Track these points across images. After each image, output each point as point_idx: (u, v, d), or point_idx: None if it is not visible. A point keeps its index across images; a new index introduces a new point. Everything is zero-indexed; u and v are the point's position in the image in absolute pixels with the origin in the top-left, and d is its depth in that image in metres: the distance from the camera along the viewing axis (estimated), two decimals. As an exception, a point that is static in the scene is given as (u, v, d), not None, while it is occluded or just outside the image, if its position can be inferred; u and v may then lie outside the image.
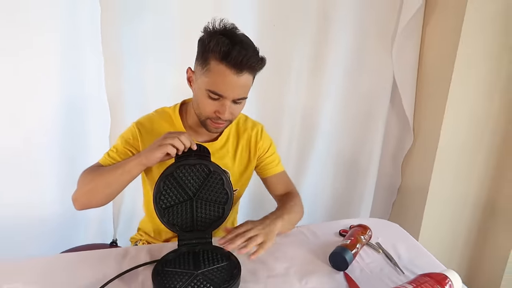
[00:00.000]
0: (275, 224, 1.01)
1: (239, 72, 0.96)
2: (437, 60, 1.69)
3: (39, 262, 1.00)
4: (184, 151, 0.99)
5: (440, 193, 1.75)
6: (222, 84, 0.97)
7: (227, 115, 1.01)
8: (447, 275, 0.90)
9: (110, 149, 1.12)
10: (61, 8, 1.31)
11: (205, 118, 1.04)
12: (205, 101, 1.01)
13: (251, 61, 0.95)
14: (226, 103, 0.99)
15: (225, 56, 0.94)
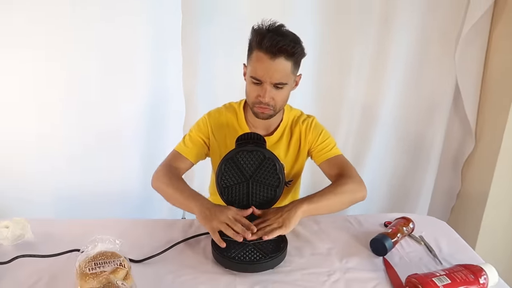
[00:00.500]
0: (294, 211, 1.05)
1: (273, 57, 1.08)
2: (504, 66, 1.66)
3: (125, 222, 1.22)
4: (243, 138, 1.15)
5: (500, 200, 1.71)
6: (259, 69, 1.11)
7: (267, 99, 1.13)
8: (483, 268, 0.94)
9: (184, 137, 1.31)
10: (149, 15, 1.55)
11: (252, 104, 1.18)
12: (250, 88, 1.16)
13: (283, 46, 1.06)
14: (266, 86, 1.12)
15: (260, 42, 1.08)
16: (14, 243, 1.07)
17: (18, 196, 1.67)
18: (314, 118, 1.33)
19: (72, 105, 1.64)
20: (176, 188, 1.16)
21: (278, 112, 1.22)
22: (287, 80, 1.14)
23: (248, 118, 1.29)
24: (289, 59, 1.11)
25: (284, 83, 1.14)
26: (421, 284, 0.88)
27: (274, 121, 1.28)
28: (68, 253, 1.03)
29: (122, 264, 0.92)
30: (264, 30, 1.11)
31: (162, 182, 1.19)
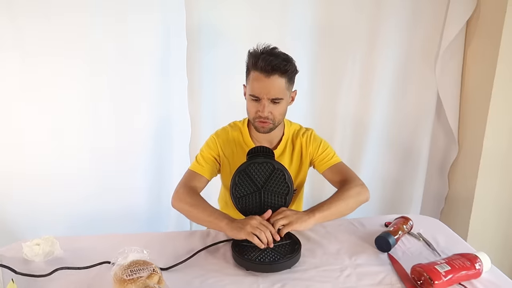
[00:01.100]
0: (308, 217, 1.16)
1: (267, 75, 1.20)
2: (479, 77, 1.83)
3: (146, 236, 1.30)
4: (253, 152, 1.26)
5: (485, 200, 1.86)
6: (257, 88, 1.23)
7: (266, 113, 1.24)
8: (478, 255, 1.06)
9: (197, 157, 1.41)
10: (156, 40, 1.69)
11: (253, 120, 1.29)
12: (250, 105, 1.28)
13: (276, 64, 1.19)
14: (264, 102, 1.24)
15: (255, 63, 1.21)
16: (45, 260, 1.14)
17: (25, 213, 1.73)
18: (312, 131, 1.45)
19: (82, 125, 1.73)
20: (200, 208, 1.24)
21: (278, 125, 1.33)
22: (282, 95, 1.26)
23: (252, 134, 1.40)
24: (282, 76, 1.23)
25: (280, 98, 1.25)
26: (426, 272, 0.99)
27: (276, 135, 1.39)
28: (99, 265, 1.10)
29: (155, 270, 1.00)
30: (258, 53, 1.24)
31: (186, 202, 1.27)
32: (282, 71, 1.22)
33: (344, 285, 1.03)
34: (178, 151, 1.83)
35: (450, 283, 1.00)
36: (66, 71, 1.66)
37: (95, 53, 1.65)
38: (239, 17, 1.74)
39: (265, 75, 1.21)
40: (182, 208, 1.28)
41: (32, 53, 1.59)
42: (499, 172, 1.84)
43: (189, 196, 1.28)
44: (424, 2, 1.84)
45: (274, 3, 1.75)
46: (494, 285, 1.03)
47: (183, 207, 1.27)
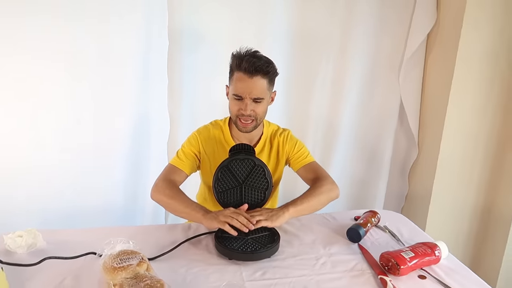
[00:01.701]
0: (283, 212, 1.24)
1: (251, 76, 1.28)
2: (437, 85, 2.01)
3: (130, 229, 1.33)
4: (235, 149, 1.33)
5: (441, 198, 2.03)
6: (240, 87, 1.30)
7: (248, 111, 1.31)
8: (437, 244, 1.19)
9: (178, 152, 1.45)
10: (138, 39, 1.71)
11: (235, 118, 1.36)
12: (232, 103, 1.35)
13: (259, 66, 1.27)
14: (246, 101, 1.31)
15: (239, 65, 1.29)
16: (28, 251, 1.14)
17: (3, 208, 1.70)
18: (289, 131, 1.54)
19: (63, 123, 1.73)
20: (178, 200, 1.30)
21: (259, 124, 1.41)
22: (264, 95, 1.34)
23: (233, 133, 1.47)
24: (264, 77, 1.31)
25: (262, 98, 1.33)
26: (393, 258, 1.10)
27: (255, 134, 1.47)
28: (84, 256, 1.13)
29: (143, 258, 1.04)
30: (242, 54, 1.31)
31: (165, 194, 1.32)
32: (264, 72, 1.30)
33: (320, 272, 1.12)
34: (156, 149, 1.86)
35: (414, 268, 1.11)
36: (46, 70, 1.65)
37: (76, 51, 1.65)
38: (219, 21, 1.80)
39: (248, 76, 1.29)
40: (160, 200, 1.33)
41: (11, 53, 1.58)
42: (455, 172, 2.01)
43: (168, 189, 1.33)
44: (389, 13, 1.99)
45: (253, 8, 1.82)
46: (451, 270, 1.15)
47: (162, 198, 1.32)
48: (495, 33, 1.83)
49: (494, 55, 1.86)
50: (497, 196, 2.02)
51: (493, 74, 1.88)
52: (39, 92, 1.67)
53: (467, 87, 1.88)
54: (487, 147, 2.00)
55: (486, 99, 1.92)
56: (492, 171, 2.02)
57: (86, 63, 1.68)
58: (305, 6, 1.90)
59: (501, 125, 1.96)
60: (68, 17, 1.61)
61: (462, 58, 1.83)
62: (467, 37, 1.81)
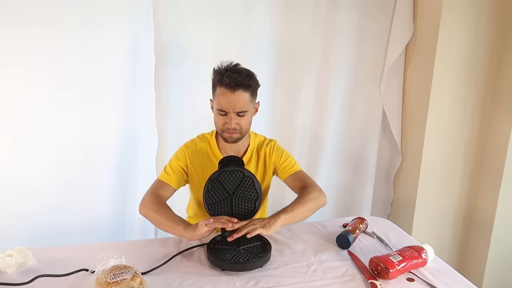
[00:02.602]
0: (275, 220, 1.26)
1: (232, 91, 1.30)
2: (417, 94, 2.07)
3: (121, 244, 1.33)
4: (225, 161, 1.35)
5: (426, 203, 2.08)
6: (223, 102, 1.32)
7: (233, 125, 1.34)
8: (423, 247, 1.23)
9: (165, 167, 1.47)
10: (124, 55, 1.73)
11: (221, 131, 1.39)
12: (217, 118, 1.38)
13: (240, 81, 1.30)
14: (230, 115, 1.34)
15: (221, 80, 1.31)
16: (18, 271, 1.13)
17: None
18: (276, 142, 1.57)
19: (48, 137, 1.71)
20: (163, 214, 1.32)
21: (244, 135, 1.43)
22: (247, 108, 1.36)
23: (220, 146, 1.49)
24: (246, 90, 1.34)
25: (245, 111, 1.36)
26: (382, 262, 1.13)
27: (242, 146, 1.49)
28: (76, 274, 1.12)
29: (136, 273, 1.05)
30: (223, 70, 1.34)
31: (151, 209, 1.34)
32: (246, 86, 1.33)
33: (312, 279, 1.15)
34: (144, 164, 1.86)
35: (402, 271, 1.15)
36: (31, 82, 1.64)
37: (62, 65, 1.66)
38: (204, 35, 1.83)
39: (230, 91, 1.31)
40: (148, 214, 1.35)
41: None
42: (437, 178, 2.07)
43: (154, 204, 1.35)
44: (369, 24, 2.05)
45: (237, 20, 1.86)
46: (437, 272, 1.19)
47: (149, 213, 1.35)
48: (470, 43, 1.91)
49: (469, 64, 1.94)
50: (478, 200, 2.09)
51: (469, 81, 1.97)
52: (23, 106, 1.66)
53: (445, 95, 1.96)
54: (466, 153, 2.07)
55: (463, 106, 2.00)
56: (472, 176, 2.09)
57: (72, 76, 1.68)
58: (288, 17, 1.95)
59: (479, 130, 2.04)
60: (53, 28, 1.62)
61: (439, 67, 1.91)
62: (443, 47, 1.89)
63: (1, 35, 1.56)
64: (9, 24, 1.56)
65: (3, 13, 1.54)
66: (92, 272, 1.08)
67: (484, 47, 1.93)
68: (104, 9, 1.66)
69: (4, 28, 1.56)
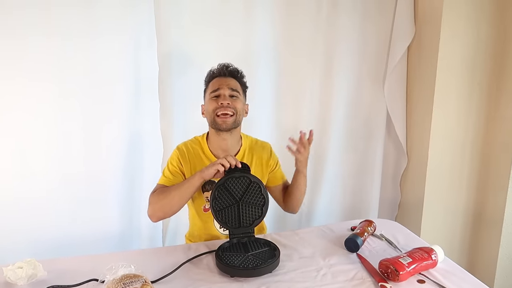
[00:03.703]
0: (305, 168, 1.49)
1: (224, 76, 1.44)
2: (421, 95, 2.07)
3: (129, 254, 1.33)
4: (230, 168, 1.35)
5: (434, 204, 2.07)
6: (216, 84, 1.42)
7: (228, 100, 1.39)
8: (433, 248, 1.22)
9: (163, 171, 1.50)
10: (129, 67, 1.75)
11: (213, 116, 1.40)
12: (210, 103, 1.42)
13: (231, 69, 1.45)
14: (224, 92, 1.40)
15: (213, 73, 1.46)
16: (28, 282, 1.14)
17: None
18: (271, 146, 1.60)
19: (53, 147, 1.72)
20: (170, 190, 1.37)
21: (238, 123, 1.44)
22: (239, 90, 1.45)
23: (211, 148, 1.49)
24: (237, 80, 1.45)
25: (237, 92, 1.43)
26: (392, 265, 1.13)
27: (233, 147, 1.50)
28: (87, 283, 1.13)
29: (146, 281, 1.05)
30: (214, 67, 1.48)
31: (158, 200, 1.38)
32: (236, 75, 1.46)
33: (322, 283, 1.14)
34: (149, 173, 1.85)
35: (413, 273, 1.14)
36: (34, 92, 1.66)
37: (64, 75, 1.67)
38: (207, 42, 1.84)
39: (223, 76, 1.44)
40: (158, 206, 1.37)
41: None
42: (444, 178, 2.06)
43: (157, 195, 1.40)
44: (370, 27, 2.06)
45: (239, 28, 1.88)
46: (448, 272, 1.18)
47: (157, 204, 1.37)
48: (472, 42, 1.91)
49: (472, 62, 1.94)
50: (487, 199, 2.07)
51: (473, 80, 1.96)
52: (25, 117, 1.68)
53: (449, 94, 1.95)
54: (473, 151, 2.06)
55: (468, 105, 1.99)
56: (480, 175, 2.08)
57: (75, 86, 1.69)
58: (289, 23, 1.96)
59: (484, 129, 2.03)
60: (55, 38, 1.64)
61: (443, 67, 1.90)
62: (446, 47, 1.89)
63: (4, 46, 1.58)
64: (12, 35, 1.58)
65: (5, 24, 1.56)
66: (102, 282, 1.08)
67: (486, 45, 1.93)
68: (106, 18, 1.68)
69: (6, 38, 1.57)
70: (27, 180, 1.72)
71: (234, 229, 1.34)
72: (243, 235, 1.35)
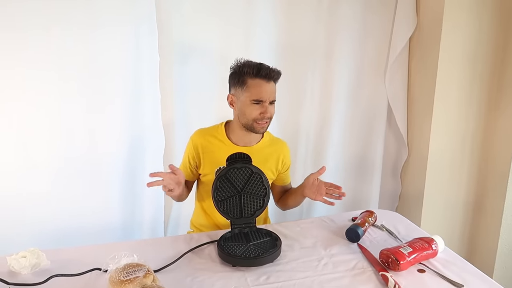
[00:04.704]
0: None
1: (268, 81, 1.41)
2: (422, 86, 2.07)
3: (131, 243, 1.34)
4: (232, 159, 1.36)
5: (434, 196, 2.07)
6: (260, 92, 1.39)
7: (269, 114, 1.41)
8: (433, 238, 1.23)
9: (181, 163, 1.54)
10: (129, 57, 1.74)
11: (252, 122, 1.42)
12: (251, 108, 1.41)
13: (274, 73, 1.42)
14: (266, 104, 1.41)
15: (258, 72, 1.39)
16: (32, 272, 1.15)
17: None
18: (289, 148, 1.62)
19: (55, 140, 1.72)
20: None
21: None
22: (275, 97, 1.46)
23: (231, 136, 1.50)
24: (275, 81, 1.46)
25: (275, 100, 1.45)
26: (392, 254, 1.13)
27: (255, 139, 1.52)
28: (90, 273, 1.14)
29: (149, 270, 1.06)
30: (254, 63, 1.41)
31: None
32: (275, 79, 1.45)
33: (323, 272, 1.15)
34: (151, 164, 1.85)
35: (413, 263, 1.15)
36: (34, 85, 1.65)
37: (64, 67, 1.66)
38: (208, 31, 1.83)
39: (267, 81, 1.41)
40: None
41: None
42: (445, 169, 2.06)
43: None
44: (372, 18, 2.04)
45: (240, 17, 1.86)
46: (448, 262, 1.19)
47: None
48: (474, 33, 1.90)
49: (474, 54, 1.93)
50: (487, 190, 2.08)
51: (474, 72, 1.96)
52: (26, 110, 1.67)
53: (450, 86, 1.95)
54: (473, 143, 2.06)
55: (469, 97, 1.99)
56: (480, 167, 2.09)
57: (75, 78, 1.69)
58: (291, 13, 1.95)
59: (485, 121, 2.03)
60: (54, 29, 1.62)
61: (444, 58, 1.90)
62: (448, 38, 1.88)
63: (3, 38, 1.57)
64: (11, 27, 1.57)
65: (5, 15, 1.55)
66: (105, 271, 1.09)
67: (488, 36, 1.92)
68: (106, 9, 1.67)
69: (6, 30, 1.56)
70: (30, 172, 1.73)
71: (235, 219, 1.35)
72: (244, 225, 1.35)
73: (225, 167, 1.35)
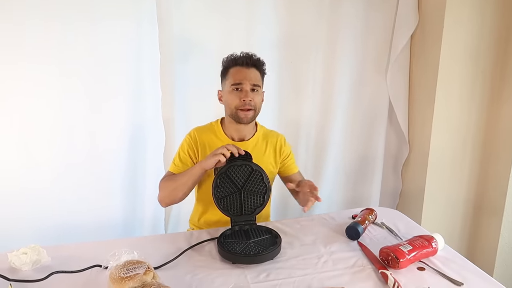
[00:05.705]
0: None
1: (247, 67, 1.41)
2: (424, 84, 2.06)
3: (132, 240, 1.35)
4: (233, 156, 1.36)
5: (435, 194, 2.07)
6: (238, 76, 1.40)
7: (250, 97, 1.39)
8: (433, 236, 1.23)
9: (174, 159, 1.50)
10: (131, 55, 1.74)
11: (235, 109, 1.41)
12: (232, 95, 1.41)
13: (254, 60, 1.43)
14: (246, 88, 1.39)
15: (236, 60, 1.42)
16: (32, 268, 1.15)
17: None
18: (284, 136, 1.59)
19: (56, 137, 1.73)
20: (177, 177, 1.40)
21: (256, 115, 1.46)
22: (260, 84, 1.44)
23: (226, 131, 1.50)
24: (258, 70, 1.44)
25: (258, 86, 1.43)
26: (392, 252, 1.13)
27: (249, 133, 1.52)
28: (90, 269, 1.14)
29: (149, 267, 1.06)
30: (237, 54, 1.43)
31: (166, 186, 1.42)
32: (258, 65, 1.45)
33: (322, 270, 1.15)
34: (152, 161, 1.87)
35: (413, 261, 1.15)
36: (37, 80, 1.65)
37: (65, 63, 1.67)
38: (209, 28, 1.84)
39: (246, 67, 1.41)
40: (165, 193, 1.42)
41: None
42: (446, 167, 2.06)
43: (164, 182, 1.43)
44: (374, 15, 2.04)
45: (241, 13, 1.86)
46: (448, 260, 1.19)
47: (165, 191, 1.42)
48: (476, 29, 1.89)
49: (476, 50, 1.92)
50: (488, 188, 2.07)
51: (476, 68, 1.95)
52: (26, 106, 1.67)
53: (452, 84, 1.94)
54: (475, 141, 2.05)
55: (471, 94, 1.98)
56: (481, 164, 2.08)
57: (76, 73, 1.69)
58: (292, 9, 1.94)
59: (487, 118, 2.02)
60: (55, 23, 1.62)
61: (446, 55, 1.89)
62: (450, 34, 1.87)
63: (3, 31, 1.56)
64: (11, 19, 1.56)
65: (5, 8, 1.55)
66: (105, 268, 1.09)
67: (490, 32, 1.91)
68: (106, 3, 1.67)
69: (6, 22, 1.56)
70: (31, 169, 1.74)
71: (236, 216, 1.35)
72: (244, 222, 1.35)
73: (225, 165, 1.34)
